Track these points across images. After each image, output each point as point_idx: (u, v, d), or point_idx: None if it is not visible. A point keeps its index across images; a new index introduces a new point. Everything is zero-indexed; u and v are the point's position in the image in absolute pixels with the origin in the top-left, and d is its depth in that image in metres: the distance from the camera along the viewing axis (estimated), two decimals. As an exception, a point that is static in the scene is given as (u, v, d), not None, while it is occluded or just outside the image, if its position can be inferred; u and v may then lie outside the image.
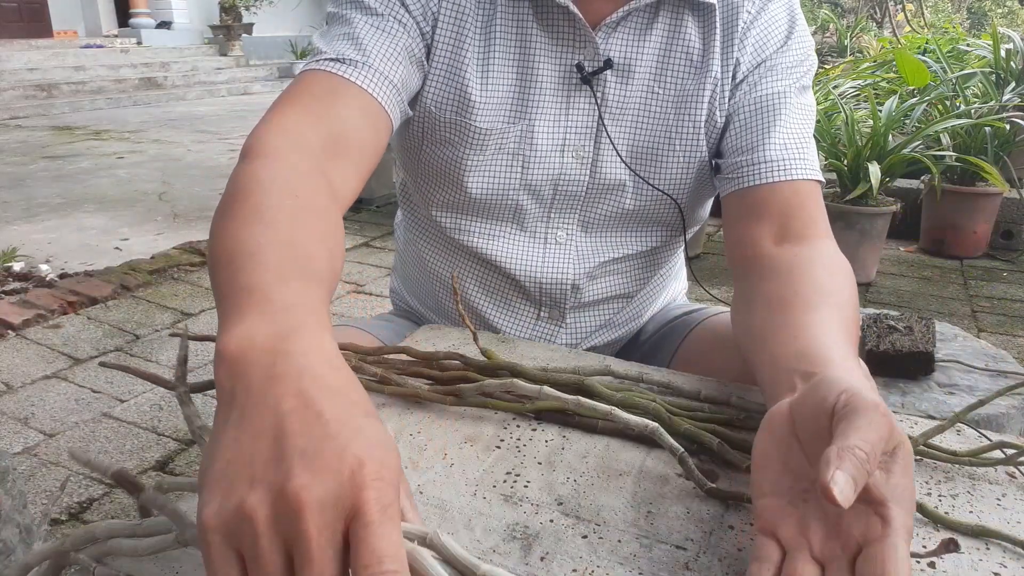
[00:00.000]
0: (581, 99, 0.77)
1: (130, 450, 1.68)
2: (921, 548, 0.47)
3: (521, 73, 0.76)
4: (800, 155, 0.74)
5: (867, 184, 2.58)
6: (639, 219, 0.83)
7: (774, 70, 0.77)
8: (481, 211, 0.83)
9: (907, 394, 1.27)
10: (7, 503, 0.92)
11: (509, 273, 0.84)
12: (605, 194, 0.81)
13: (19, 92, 7.19)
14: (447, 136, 0.78)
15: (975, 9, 12.08)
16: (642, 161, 0.79)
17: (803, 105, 0.77)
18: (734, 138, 0.77)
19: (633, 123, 0.78)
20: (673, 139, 0.78)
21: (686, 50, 0.77)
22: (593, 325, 0.89)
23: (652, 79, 0.77)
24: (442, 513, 0.51)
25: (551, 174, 0.79)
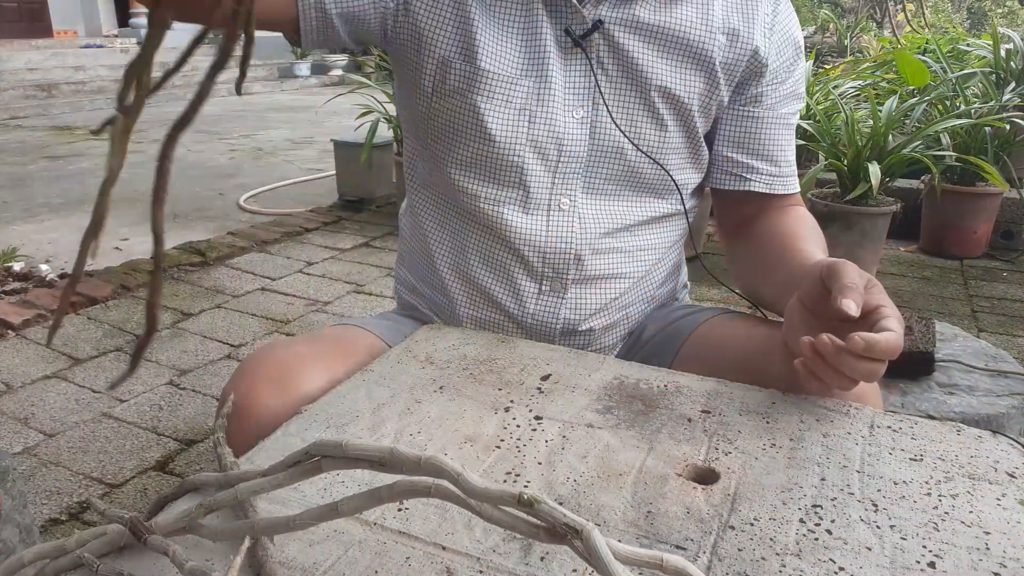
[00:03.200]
0: (577, 62, 0.82)
1: (130, 450, 1.68)
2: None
3: (524, 31, 0.82)
4: (795, 174, 0.91)
5: (867, 184, 2.58)
6: (639, 185, 0.86)
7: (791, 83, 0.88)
8: (488, 173, 0.85)
9: (907, 394, 1.27)
10: (7, 503, 0.92)
11: (512, 243, 0.85)
12: (605, 157, 0.84)
13: (19, 92, 7.19)
14: (455, 85, 0.83)
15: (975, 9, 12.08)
16: (638, 125, 0.83)
17: (796, 116, 0.91)
18: (755, 141, 0.87)
19: (629, 86, 0.82)
20: (669, 104, 0.83)
21: (685, 17, 0.81)
22: (595, 304, 0.88)
23: (648, 44, 0.81)
24: (442, 513, 0.51)
25: (555, 133, 0.83)
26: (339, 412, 0.65)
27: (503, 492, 0.38)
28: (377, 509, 0.51)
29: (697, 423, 0.62)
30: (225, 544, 0.48)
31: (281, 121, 6.68)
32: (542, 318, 0.87)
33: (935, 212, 3.11)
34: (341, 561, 0.46)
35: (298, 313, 2.49)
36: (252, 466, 0.57)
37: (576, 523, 0.36)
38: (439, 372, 0.72)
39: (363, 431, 0.62)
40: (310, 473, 0.44)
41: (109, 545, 0.47)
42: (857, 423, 0.62)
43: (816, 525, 0.49)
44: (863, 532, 0.49)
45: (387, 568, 0.46)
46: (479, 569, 0.46)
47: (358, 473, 0.55)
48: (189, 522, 0.46)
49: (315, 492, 0.53)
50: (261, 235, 3.23)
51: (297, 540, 0.48)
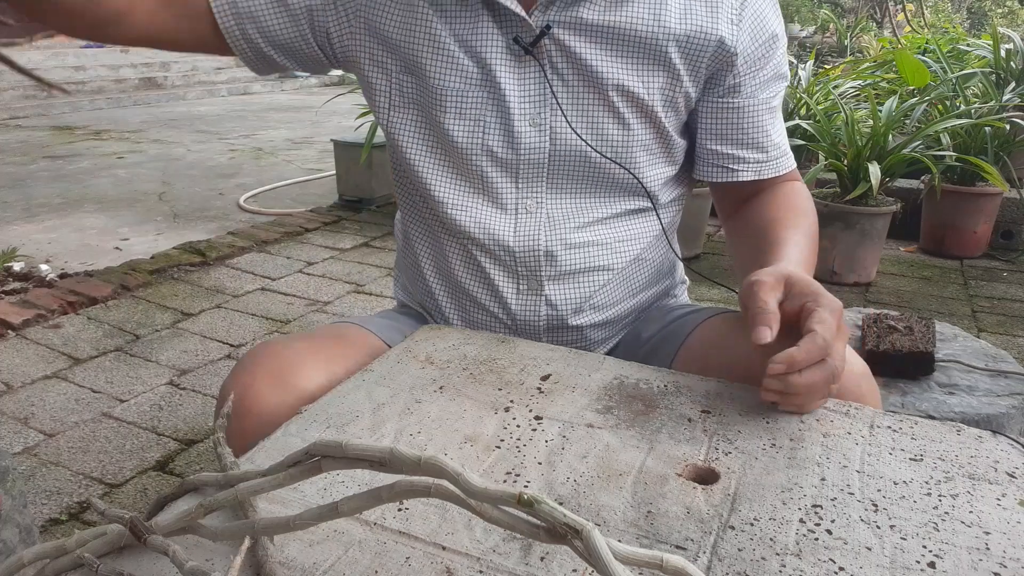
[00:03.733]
0: (530, 69, 0.82)
1: (130, 450, 1.68)
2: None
3: (473, 43, 0.82)
4: (788, 150, 0.90)
5: (867, 184, 2.58)
6: (608, 184, 0.86)
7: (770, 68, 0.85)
8: (453, 181, 0.87)
9: (907, 394, 1.27)
10: (7, 503, 0.92)
11: (485, 246, 0.87)
12: (568, 160, 0.84)
13: (19, 92, 7.19)
14: (408, 100, 0.85)
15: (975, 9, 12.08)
16: (599, 126, 0.83)
17: (781, 96, 0.89)
18: (739, 131, 0.86)
19: (586, 88, 0.82)
20: (629, 102, 0.82)
21: (635, 15, 0.80)
22: (575, 299, 0.89)
23: (599, 44, 0.80)
24: (442, 513, 0.51)
25: (512, 142, 0.83)
26: (339, 412, 0.65)
27: (503, 492, 0.38)
28: (377, 509, 0.51)
29: (697, 423, 0.62)
30: (225, 544, 0.48)
31: (281, 121, 6.68)
32: (525, 317, 0.88)
33: (935, 212, 3.11)
34: (341, 561, 0.46)
35: (298, 313, 2.49)
36: (252, 466, 0.57)
37: (576, 523, 0.36)
38: (439, 372, 0.72)
39: (363, 431, 0.62)
40: (310, 473, 0.44)
41: (109, 545, 0.47)
42: (857, 423, 0.62)
43: (816, 525, 0.49)
44: (863, 532, 0.49)
45: (387, 568, 0.46)
46: (479, 569, 0.46)
47: (358, 473, 0.55)
48: (189, 522, 0.46)
49: (315, 492, 0.53)
50: (261, 235, 3.23)
51: (297, 540, 0.48)
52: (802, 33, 10.33)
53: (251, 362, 0.76)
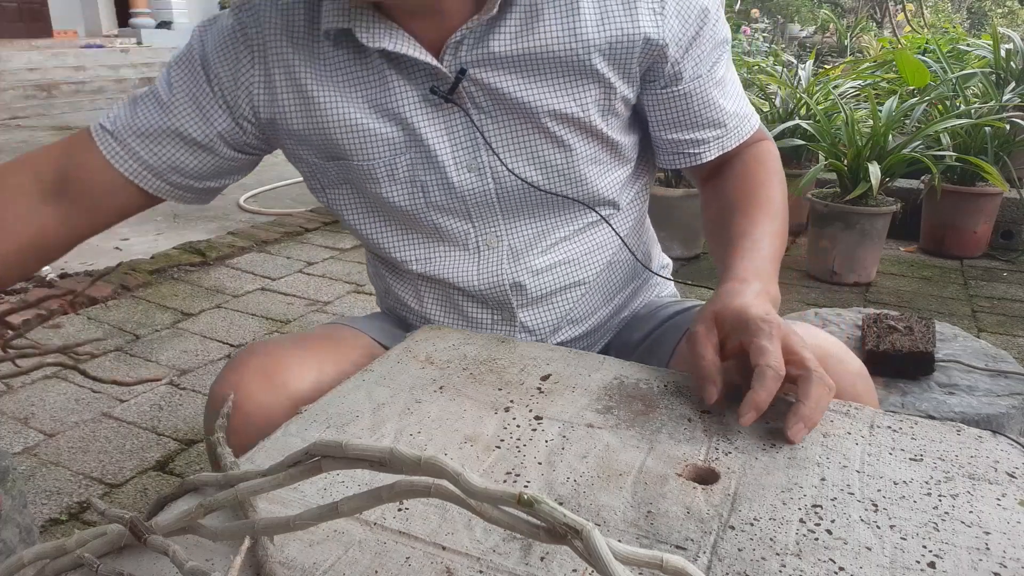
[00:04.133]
0: (455, 116, 0.78)
1: (130, 450, 1.68)
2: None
3: (386, 106, 0.78)
4: (748, 110, 0.87)
5: (867, 184, 2.58)
6: (562, 204, 0.84)
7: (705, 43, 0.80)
8: (406, 240, 0.87)
9: (907, 394, 1.27)
10: (7, 503, 0.92)
11: (454, 285, 0.86)
12: (516, 195, 0.82)
13: (19, 92, 7.19)
14: (338, 177, 0.84)
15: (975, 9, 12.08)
16: (540, 154, 0.80)
17: (727, 60, 0.84)
18: (692, 115, 0.83)
19: (517, 122, 0.79)
20: (565, 124, 0.79)
21: (548, 34, 0.75)
22: (551, 320, 0.88)
23: (519, 74, 0.76)
24: (442, 513, 0.51)
25: (454, 192, 0.82)
26: (339, 412, 0.65)
27: (503, 492, 0.38)
28: (377, 509, 0.51)
29: (697, 423, 0.62)
30: (225, 544, 0.48)
31: (281, 121, 6.67)
32: None
33: (935, 212, 3.11)
34: (341, 561, 0.46)
35: (298, 313, 2.49)
36: (252, 466, 0.57)
37: (576, 523, 0.36)
38: (439, 372, 0.72)
39: (363, 431, 0.62)
40: (310, 473, 0.44)
41: (109, 545, 0.47)
42: (857, 423, 0.62)
43: (816, 525, 0.49)
44: (863, 532, 0.49)
45: (387, 568, 0.46)
46: (479, 569, 0.46)
47: (358, 473, 0.55)
48: (189, 522, 0.46)
49: (315, 492, 0.53)
50: (261, 235, 3.23)
51: (297, 540, 0.48)
52: (802, 33, 10.33)
53: (240, 361, 0.77)
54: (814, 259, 2.87)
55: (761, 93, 3.50)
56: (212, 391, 0.76)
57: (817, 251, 2.84)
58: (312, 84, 0.78)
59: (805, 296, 2.70)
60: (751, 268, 0.73)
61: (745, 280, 0.70)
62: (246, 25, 0.79)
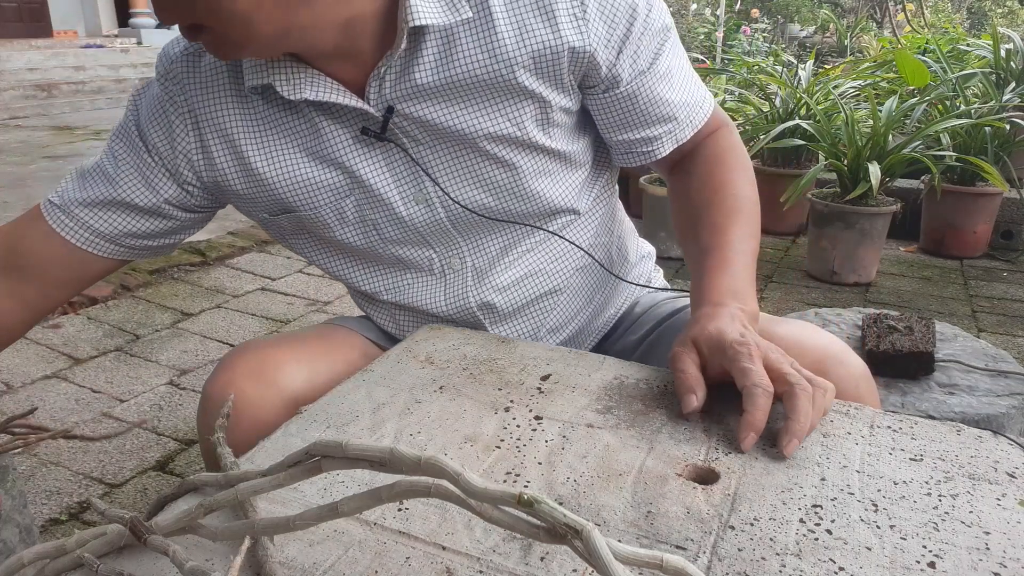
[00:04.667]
0: (392, 153, 0.78)
1: (130, 450, 1.68)
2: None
3: (320, 154, 0.78)
4: (700, 96, 0.83)
5: (867, 184, 2.58)
6: (521, 218, 0.83)
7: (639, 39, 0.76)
8: (372, 273, 0.87)
9: (907, 394, 1.27)
10: (7, 503, 0.92)
11: (423, 311, 0.87)
12: (471, 225, 0.82)
13: (19, 92, 7.19)
14: (293, 227, 0.85)
15: (975, 9, 12.08)
16: (486, 177, 0.79)
17: (671, 49, 0.80)
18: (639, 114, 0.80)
19: (456, 150, 0.77)
20: (505, 145, 0.77)
21: (468, 59, 0.73)
22: (526, 330, 0.88)
23: (448, 102, 0.75)
24: (442, 513, 0.51)
25: (408, 226, 0.82)
26: (339, 412, 0.65)
27: (503, 492, 0.38)
28: (377, 509, 0.51)
29: (697, 423, 0.62)
30: (225, 544, 0.48)
31: (281, 121, 6.67)
32: None
33: (935, 212, 3.12)
34: (341, 561, 0.46)
35: (298, 313, 2.49)
36: (252, 466, 0.57)
37: (576, 523, 0.36)
38: (439, 372, 0.72)
39: (363, 431, 0.62)
40: (310, 473, 0.44)
41: (109, 545, 0.47)
42: (857, 423, 0.62)
43: (816, 525, 0.49)
44: (863, 532, 0.49)
45: (387, 568, 0.46)
46: (479, 569, 0.46)
47: (358, 473, 0.55)
48: (189, 522, 0.46)
49: (315, 492, 0.53)
50: (261, 235, 3.23)
51: (297, 540, 0.48)
52: (802, 33, 10.33)
53: (232, 360, 0.78)
54: (814, 259, 2.87)
55: (761, 93, 3.51)
56: (205, 390, 0.77)
57: (817, 251, 2.84)
58: (246, 143, 0.78)
59: (805, 296, 2.70)
60: (724, 288, 0.72)
61: (719, 303, 0.69)
62: (173, 94, 0.79)
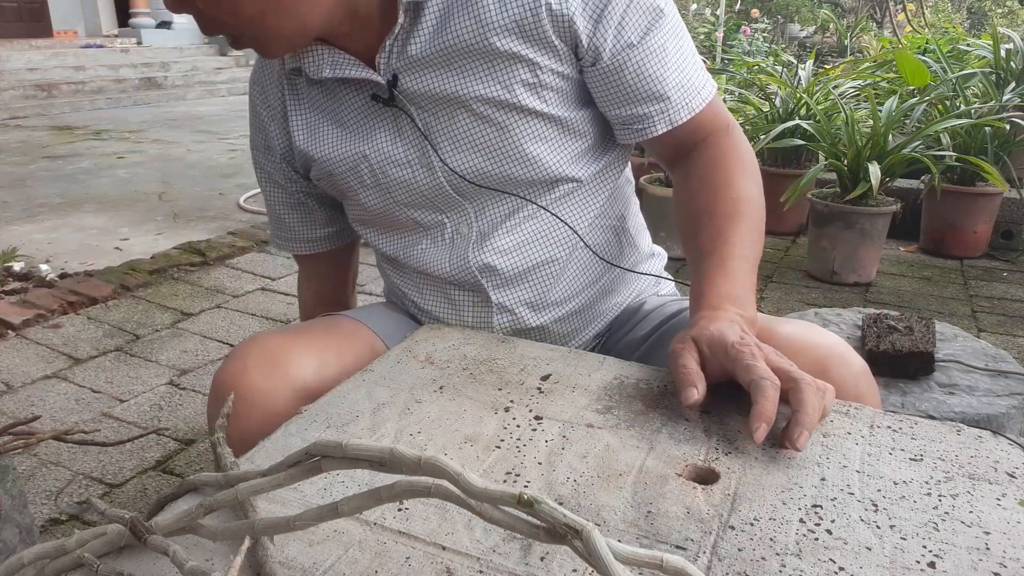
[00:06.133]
0: (401, 120, 0.84)
1: (130, 450, 1.68)
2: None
3: (339, 115, 0.87)
4: (699, 82, 0.83)
5: (867, 184, 2.58)
6: (519, 185, 0.85)
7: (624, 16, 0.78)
8: (394, 234, 0.93)
9: (907, 394, 1.27)
10: (7, 503, 0.92)
11: (433, 274, 0.91)
12: (472, 190, 0.85)
13: (19, 92, 7.19)
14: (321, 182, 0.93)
15: (975, 9, 12.08)
16: (484, 141, 0.83)
17: (668, 30, 0.80)
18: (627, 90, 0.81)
19: (454, 114, 0.82)
20: (499, 108, 0.81)
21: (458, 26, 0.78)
22: (526, 299, 0.89)
23: (442, 69, 0.80)
24: (442, 513, 0.51)
25: (413, 191, 0.86)
26: (339, 412, 0.65)
27: (503, 492, 0.38)
28: (377, 509, 0.51)
29: (697, 423, 0.62)
30: (225, 544, 0.48)
31: (281, 121, 6.66)
32: (480, 327, 0.91)
33: (935, 212, 3.11)
34: (341, 561, 0.46)
35: (298, 313, 2.49)
36: (252, 466, 0.57)
37: (576, 523, 0.36)
38: (439, 372, 0.72)
39: (363, 431, 0.62)
40: (310, 473, 0.44)
41: (109, 545, 0.47)
42: (857, 423, 0.62)
43: (816, 525, 0.49)
44: (863, 532, 0.49)
45: (387, 568, 0.46)
46: (479, 569, 0.46)
47: (358, 473, 0.55)
48: (189, 522, 0.46)
49: (315, 492, 0.53)
50: (261, 235, 3.23)
51: (297, 540, 0.48)
52: (802, 33, 10.33)
53: (242, 351, 0.79)
54: (814, 259, 2.87)
55: (761, 93, 3.50)
56: (216, 380, 0.77)
57: (817, 251, 2.84)
58: (292, 116, 0.90)
59: (805, 296, 2.70)
60: (723, 293, 0.72)
61: (718, 308, 0.70)
62: (254, 91, 0.95)
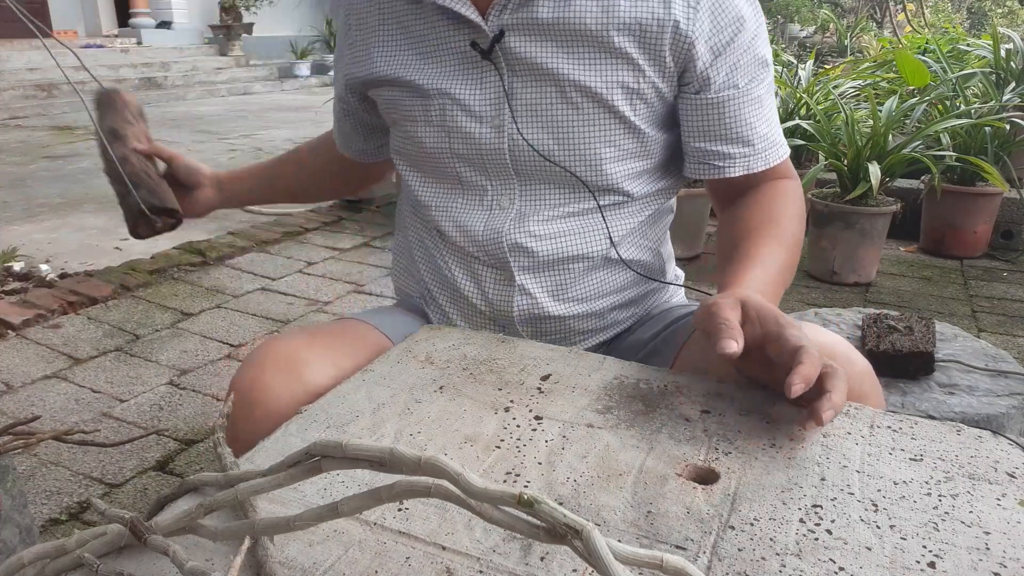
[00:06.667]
0: (488, 73, 0.83)
1: (130, 450, 1.68)
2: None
3: (433, 50, 0.85)
4: (780, 138, 0.88)
5: (867, 184, 2.58)
6: (572, 179, 0.85)
7: (741, 55, 0.82)
8: (433, 184, 0.91)
9: (907, 394, 1.27)
10: (7, 503, 0.92)
11: (460, 240, 0.90)
12: (529, 161, 0.85)
13: (19, 92, 7.19)
14: (390, 113, 0.92)
15: (975, 9, 12.07)
16: (560, 123, 0.83)
17: (768, 84, 0.86)
18: (720, 127, 0.84)
19: (543, 88, 0.82)
20: (588, 98, 0.81)
21: (584, 9, 0.79)
22: (549, 287, 0.89)
23: (552, 42, 0.80)
24: (442, 513, 0.51)
25: (473, 144, 0.86)
26: (339, 412, 0.65)
27: (503, 492, 0.38)
28: (377, 509, 0.51)
29: (697, 423, 0.62)
30: (225, 544, 0.48)
31: (281, 121, 6.68)
32: (501, 307, 0.90)
33: (935, 212, 3.11)
34: (341, 561, 0.46)
35: (298, 313, 2.49)
36: (252, 466, 0.57)
37: (576, 523, 0.36)
38: (439, 372, 0.72)
39: (363, 431, 0.62)
40: (310, 473, 0.44)
41: (109, 545, 0.47)
42: (857, 423, 0.62)
43: (816, 525, 0.49)
44: (863, 532, 0.49)
45: (387, 568, 0.46)
46: (479, 569, 0.46)
47: (358, 473, 0.55)
48: (189, 522, 0.46)
49: (315, 492, 0.53)
50: (261, 235, 3.23)
51: (297, 540, 0.48)
52: (802, 33, 10.33)
53: (260, 356, 0.78)
54: (814, 259, 2.87)
55: (761, 93, 3.50)
56: (233, 385, 0.77)
57: (817, 251, 2.84)
58: (378, 33, 0.88)
59: (805, 296, 2.70)
60: (754, 285, 0.73)
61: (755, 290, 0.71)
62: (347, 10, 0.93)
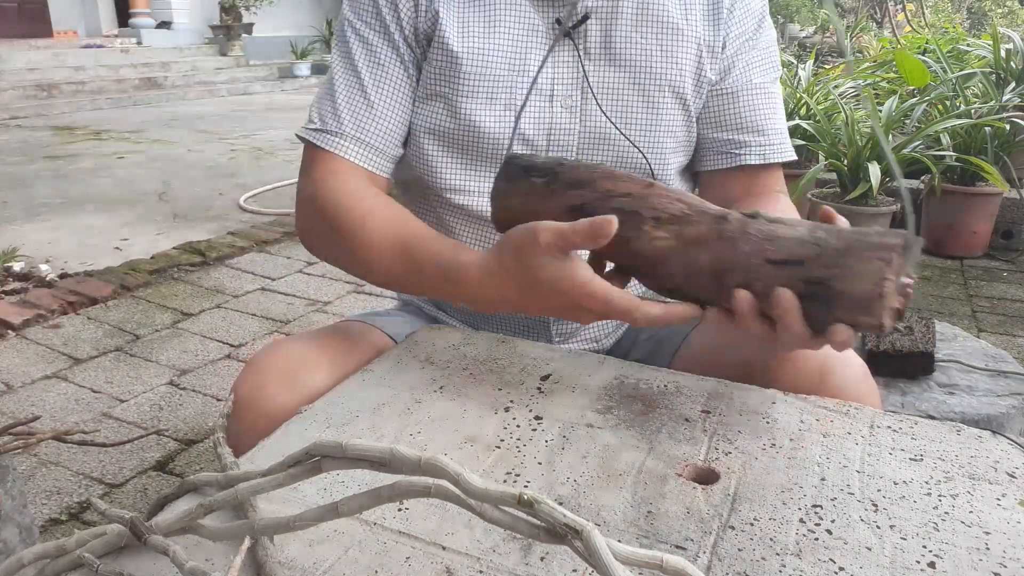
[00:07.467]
0: (565, 51, 0.83)
1: (130, 450, 1.68)
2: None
3: (513, 24, 0.83)
4: (786, 137, 0.90)
5: (867, 184, 2.58)
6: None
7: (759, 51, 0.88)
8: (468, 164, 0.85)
9: (907, 394, 1.27)
10: (7, 503, 0.92)
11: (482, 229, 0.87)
12: (595, 144, 0.85)
13: (19, 92, 7.19)
14: (439, 89, 0.84)
15: (975, 9, 12.08)
16: (629, 110, 0.84)
17: (779, 89, 0.90)
18: (736, 117, 0.87)
19: (618, 72, 0.83)
20: (661, 87, 0.84)
21: (665, 7, 0.83)
22: None
23: (635, 28, 0.83)
24: (442, 513, 0.51)
25: (543, 123, 0.85)
26: (339, 412, 0.65)
27: (503, 492, 0.38)
28: (377, 509, 0.51)
29: (697, 423, 0.62)
30: (225, 544, 0.48)
31: (281, 121, 6.68)
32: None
33: (935, 212, 3.11)
34: (341, 561, 0.46)
35: (298, 313, 2.49)
36: (252, 466, 0.57)
37: (576, 523, 0.36)
38: (439, 372, 0.72)
39: (363, 431, 0.62)
40: (310, 473, 0.44)
41: (109, 545, 0.47)
42: (857, 423, 0.62)
43: (816, 525, 0.49)
44: (863, 532, 0.49)
45: (387, 568, 0.46)
46: (479, 569, 0.46)
47: (358, 473, 0.55)
48: (189, 522, 0.46)
49: (315, 492, 0.53)
50: (261, 235, 3.23)
51: (297, 540, 0.48)
52: (802, 33, 10.33)
53: (261, 361, 0.76)
54: (814, 259, 2.86)
55: (761, 93, 3.50)
56: (236, 390, 0.76)
57: (817, 251, 2.83)
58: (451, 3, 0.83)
59: (805, 296, 2.70)
60: None
61: None
62: None
